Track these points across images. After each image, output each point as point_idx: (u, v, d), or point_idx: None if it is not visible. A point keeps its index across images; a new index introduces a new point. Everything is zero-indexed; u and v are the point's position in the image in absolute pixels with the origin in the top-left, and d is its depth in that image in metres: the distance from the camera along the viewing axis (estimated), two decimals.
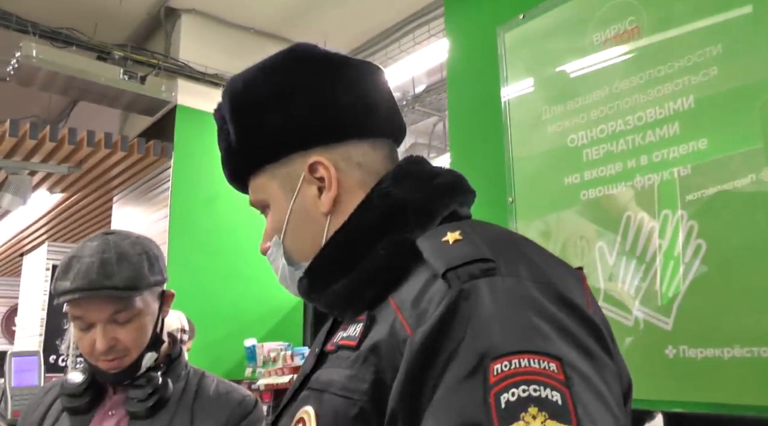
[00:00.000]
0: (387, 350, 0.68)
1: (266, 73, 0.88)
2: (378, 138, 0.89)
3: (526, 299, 0.64)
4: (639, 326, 1.54)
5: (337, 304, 0.81)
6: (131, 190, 5.08)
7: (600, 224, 1.66)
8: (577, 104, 1.75)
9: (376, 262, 0.77)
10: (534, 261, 0.70)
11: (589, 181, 1.69)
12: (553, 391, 0.57)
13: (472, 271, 0.66)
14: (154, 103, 4.32)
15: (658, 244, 1.53)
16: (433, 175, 0.85)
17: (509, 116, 1.94)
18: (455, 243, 0.71)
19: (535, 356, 0.59)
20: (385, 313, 0.73)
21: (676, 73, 1.55)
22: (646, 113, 1.59)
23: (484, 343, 0.61)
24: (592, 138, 1.70)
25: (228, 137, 0.90)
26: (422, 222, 0.78)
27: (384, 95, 0.91)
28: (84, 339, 1.31)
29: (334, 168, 0.84)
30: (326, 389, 0.74)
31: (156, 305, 1.38)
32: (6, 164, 4.37)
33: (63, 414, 1.37)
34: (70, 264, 1.31)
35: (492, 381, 0.58)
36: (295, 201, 0.86)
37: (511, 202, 1.88)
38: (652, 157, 1.57)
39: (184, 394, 1.38)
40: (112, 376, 1.33)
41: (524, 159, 1.88)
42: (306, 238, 0.86)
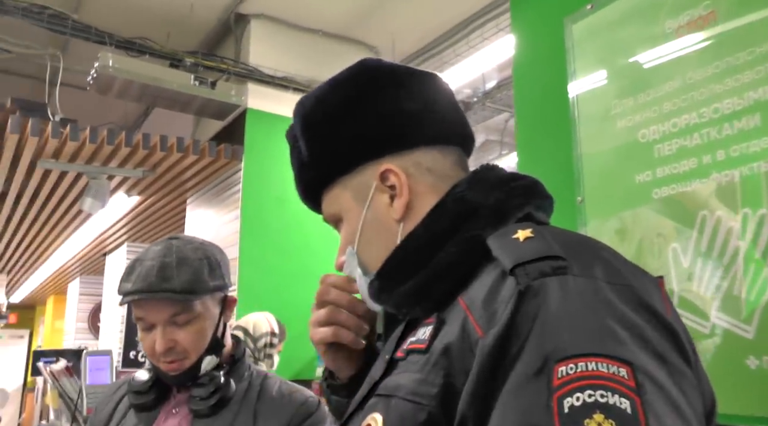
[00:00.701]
0: (458, 352, 0.67)
1: (335, 87, 0.91)
2: (446, 144, 0.90)
3: (600, 300, 0.62)
4: (717, 334, 1.43)
5: (405, 302, 0.80)
6: (204, 192, 5.20)
7: (674, 224, 1.56)
8: (648, 97, 1.65)
9: (445, 259, 0.76)
10: (611, 263, 0.68)
11: (661, 178, 1.60)
12: (622, 398, 0.54)
13: (542, 268, 0.64)
14: (225, 108, 4.40)
15: (738, 244, 1.43)
16: (509, 179, 0.84)
17: (577, 111, 1.85)
18: (526, 240, 0.69)
19: (603, 360, 0.56)
20: (454, 314, 0.71)
21: (756, 60, 1.44)
22: (723, 104, 1.48)
23: (550, 344, 0.59)
24: (664, 132, 1.60)
25: (300, 154, 0.92)
26: (495, 221, 0.77)
27: (449, 103, 0.93)
28: (146, 339, 1.35)
29: (404, 174, 0.85)
30: (394, 394, 0.72)
31: (217, 310, 1.40)
32: (86, 169, 4.54)
33: (130, 411, 1.41)
34: (134, 266, 1.36)
35: (556, 384, 0.56)
36: (367, 210, 0.87)
37: (581, 201, 1.80)
38: (729, 151, 1.46)
39: (247, 394, 1.40)
40: (172, 378, 1.37)
41: (593, 156, 1.79)
42: (380, 245, 0.86)
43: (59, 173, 4.83)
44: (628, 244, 1.66)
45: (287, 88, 4.58)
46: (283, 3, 4.59)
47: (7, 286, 10.52)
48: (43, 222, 6.60)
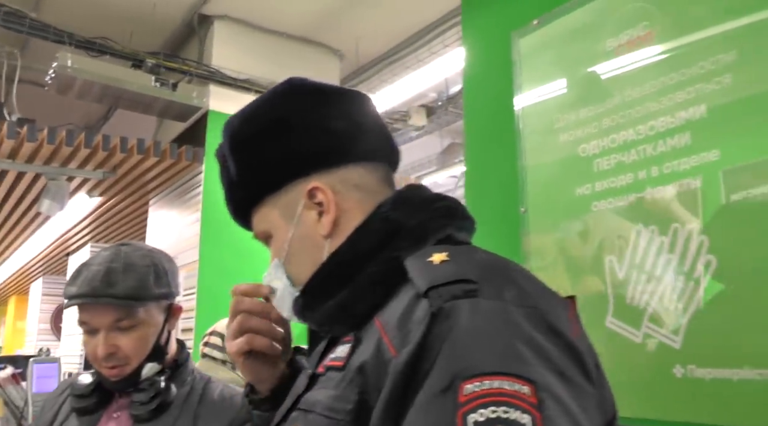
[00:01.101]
0: (372, 370, 0.69)
1: (262, 107, 0.93)
2: (372, 161, 0.92)
3: (508, 322, 0.65)
4: (647, 344, 1.49)
5: (326, 320, 0.83)
6: (166, 194, 5.17)
7: (610, 237, 1.61)
8: (589, 113, 1.70)
9: (366, 280, 0.79)
10: (521, 286, 0.70)
11: (600, 192, 1.65)
12: (524, 414, 0.57)
13: (454, 291, 0.67)
14: (186, 109, 4.38)
15: (668, 258, 1.48)
16: (432, 200, 0.87)
17: (523, 124, 1.90)
18: (441, 263, 0.72)
19: (507, 378, 0.59)
20: (370, 333, 0.74)
21: (688, 81, 1.49)
22: (658, 122, 1.54)
23: (458, 363, 0.61)
24: (603, 148, 1.65)
25: (229, 173, 0.93)
26: (415, 242, 0.80)
27: (374, 121, 0.95)
28: (89, 344, 1.36)
29: (331, 191, 0.87)
30: (312, 409, 0.75)
31: (161, 318, 1.41)
32: (45, 170, 4.49)
33: (72, 414, 1.42)
34: (80, 271, 1.37)
35: (461, 400, 0.59)
36: (296, 226, 0.89)
37: (524, 212, 1.85)
38: (663, 168, 1.52)
39: (188, 399, 1.42)
40: (113, 383, 1.38)
41: (537, 168, 1.84)
42: (307, 260, 0.88)
43: (16, 174, 4.76)
44: (569, 251, 1.70)
45: (250, 90, 4.56)
46: (247, 4, 4.58)
47: None
48: (0, 222, 6.49)
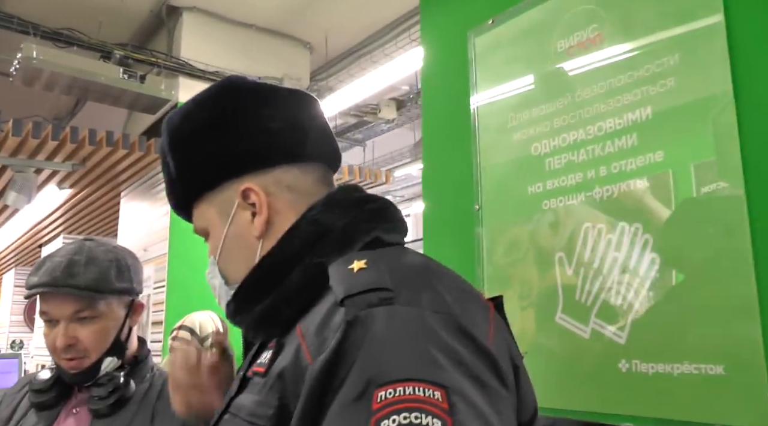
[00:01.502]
0: (290, 378, 0.71)
1: (199, 105, 0.94)
2: (309, 162, 0.92)
3: (422, 328, 0.66)
4: (594, 339, 1.53)
5: (254, 327, 0.85)
6: (137, 186, 5.14)
7: (559, 235, 1.65)
8: (541, 112, 1.73)
9: (289, 289, 0.80)
10: (438, 291, 0.73)
11: (551, 190, 1.68)
12: (435, 419, 0.59)
13: (369, 300, 0.68)
14: (155, 102, 4.36)
15: (615, 256, 1.52)
16: (362, 202, 0.88)
17: (478, 123, 1.93)
18: (359, 271, 0.73)
19: (420, 384, 0.61)
20: (291, 340, 0.75)
21: (634, 83, 1.53)
22: (606, 123, 1.57)
23: (372, 370, 0.63)
24: (554, 147, 1.69)
25: (169, 170, 0.95)
26: (341, 246, 0.81)
27: (315, 121, 0.96)
28: (49, 335, 1.38)
29: (264, 193, 0.88)
30: (238, 413, 0.78)
31: (122, 312, 1.43)
32: (10, 162, 4.44)
33: (31, 409, 1.43)
34: (44, 262, 1.39)
35: (374, 407, 0.60)
36: (230, 225, 0.90)
37: (478, 209, 1.88)
38: (611, 168, 1.55)
39: (147, 394, 1.44)
40: (72, 376, 1.40)
41: (491, 167, 1.87)
42: (240, 260, 0.89)
43: None
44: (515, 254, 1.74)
45: None
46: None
47: None
48: None
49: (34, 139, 4.20)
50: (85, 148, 4.36)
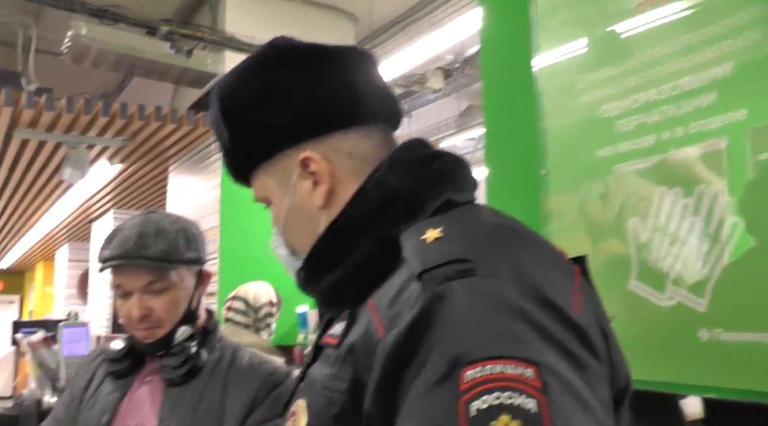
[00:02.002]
0: (361, 352, 0.68)
1: (248, 73, 0.89)
2: (368, 125, 0.88)
3: (504, 301, 0.62)
4: (671, 307, 1.47)
5: (325, 300, 0.82)
6: (185, 160, 5.18)
7: (633, 200, 1.59)
8: (609, 73, 1.66)
9: (359, 260, 0.77)
10: (518, 259, 0.68)
11: (621, 154, 1.62)
12: (528, 399, 0.55)
13: (447, 273, 0.64)
14: (202, 76, 4.37)
15: (693, 220, 1.46)
16: (430, 160, 0.83)
17: (541, 86, 1.86)
18: (434, 241, 0.69)
19: (510, 361, 0.57)
20: (363, 313, 0.73)
21: (714, 39, 1.45)
22: (682, 82, 1.50)
23: (456, 349, 0.59)
24: (624, 109, 1.62)
25: (223, 140, 0.91)
26: (411, 213, 0.77)
27: (372, 81, 0.90)
28: (123, 307, 1.41)
29: (324, 161, 0.84)
30: (313, 385, 0.76)
31: (192, 282, 1.45)
32: (65, 139, 4.51)
33: (106, 378, 1.46)
34: (113, 235, 1.42)
35: (462, 388, 0.57)
36: (291, 197, 0.87)
37: (545, 174, 1.82)
38: (687, 128, 1.48)
39: (218, 365, 1.45)
40: (146, 346, 1.42)
41: (556, 130, 1.81)
42: (304, 231, 0.86)
43: (38, 143, 4.79)
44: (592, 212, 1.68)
45: None
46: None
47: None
48: (24, 190, 6.57)
49: (86, 116, 4.25)
50: (135, 123, 4.40)
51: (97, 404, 1.43)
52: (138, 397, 1.42)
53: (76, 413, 1.45)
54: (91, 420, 1.41)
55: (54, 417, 1.52)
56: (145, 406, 1.40)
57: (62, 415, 1.49)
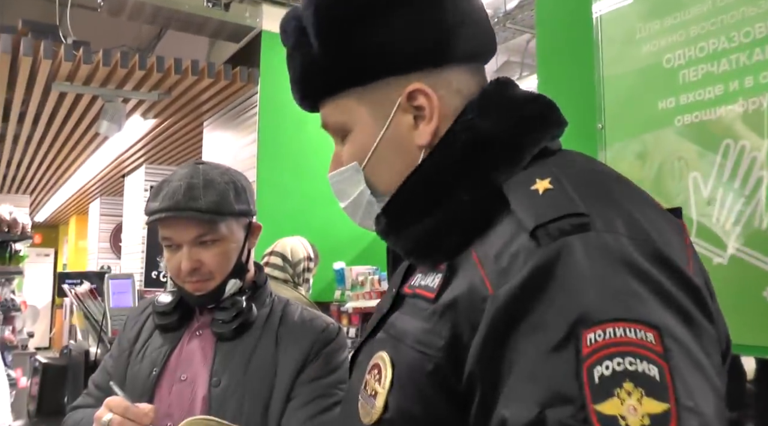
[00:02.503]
0: (465, 307, 0.64)
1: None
2: (477, 61, 0.81)
3: (624, 259, 0.59)
4: (734, 265, 1.43)
5: (415, 250, 0.75)
6: (220, 115, 5.17)
7: (698, 152, 1.53)
8: (675, 20, 1.59)
9: (458, 208, 0.71)
10: (632, 212, 0.64)
11: (685, 105, 1.55)
12: (651, 365, 0.54)
13: (563, 227, 0.61)
14: (239, 30, 4.32)
15: (761, 174, 1.40)
16: (522, 103, 0.77)
17: (601, 33, 1.79)
18: (545, 192, 0.65)
19: (631, 325, 0.55)
20: (466, 265, 0.68)
21: None
22: (755, 28, 1.42)
23: (577, 310, 0.56)
24: (690, 58, 1.55)
25: (310, 51, 0.79)
26: (510, 162, 0.72)
27: (483, 15, 0.82)
28: (172, 260, 1.37)
29: (436, 96, 0.76)
30: (402, 339, 0.71)
31: (242, 235, 1.42)
32: (101, 92, 4.52)
33: (155, 331, 1.44)
34: (161, 187, 1.38)
35: (585, 352, 0.55)
36: (387, 129, 0.78)
37: (601, 128, 1.77)
38: (759, 78, 1.41)
39: (269, 320, 1.42)
40: (197, 299, 1.39)
41: (616, 81, 1.74)
42: (395, 170, 0.78)
43: (75, 96, 4.81)
44: (648, 168, 1.63)
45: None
46: None
47: (30, 206, 10.69)
48: (61, 144, 6.63)
49: (123, 69, 4.24)
50: (171, 77, 4.38)
51: (147, 357, 1.41)
52: (188, 350, 1.40)
53: (125, 366, 1.44)
54: (142, 373, 1.39)
55: (103, 369, 1.52)
56: (196, 359, 1.38)
57: (112, 367, 1.48)
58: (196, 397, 1.34)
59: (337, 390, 1.36)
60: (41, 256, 13.70)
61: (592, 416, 0.53)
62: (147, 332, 1.47)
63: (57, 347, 11.18)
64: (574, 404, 0.54)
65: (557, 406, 0.54)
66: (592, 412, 0.53)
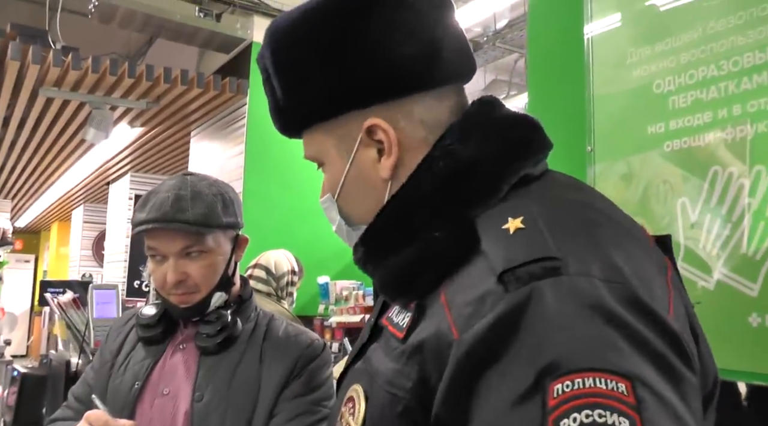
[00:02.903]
0: (432, 351, 0.63)
1: (312, 20, 0.77)
2: (444, 85, 0.78)
3: (597, 304, 0.56)
4: (720, 290, 1.43)
5: (390, 287, 0.73)
6: (208, 126, 5.16)
7: (684, 177, 1.54)
8: (666, 46, 1.61)
9: (431, 245, 0.69)
10: (610, 255, 0.61)
11: (674, 130, 1.57)
12: (621, 417, 0.51)
13: (533, 271, 0.58)
14: (230, 41, 4.32)
15: (747, 202, 1.41)
16: (506, 126, 0.75)
17: (592, 56, 1.80)
18: (516, 232, 0.63)
19: (602, 375, 0.52)
20: (434, 307, 0.66)
21: None
22: (744, 58, 1.44)
23: (544, 359, 0.54)
24: (680, 84, 1.56)
25: (274, 92, 0.81)
26: (486, 194, 0.69)
27: (451, 35, 0.79)
28: (157, 271, 1.36)
29: (393, 130, 0.75)
30: (375, 377, 0.70)
31: (229, 247, 1.41)
32: (89, 99, 4.49)
33: (138, 344, 1.42)
34: (149, 197, 1.37)
35: (551, 404, 0.52)
36: (351, 164, 0.78)
37: (590, 150, 1.78)
38: (746, 106, 1.43)
39: (253, 334, 1.41)
40: (182, 311, 1.38)
41: (606, 103, 1.75)
42: (364, 203, 0.79)
43: (62, 102, 4.78)
44: (633, 190, 1.64)
45: None
46: None
47: (11, 211, 10.57)
48: (46, 149, 6.58)
49: (112, 76, 4.22)
50: (160, 86, 4.37)
51: (129, 370, 1.39)
52: (172, 364, 1.39)
53: (107, 378, 1.42)
54: (123, 386, 1.37)
55: (84, 381, 1.49)
56: (179, 373, 1.37)
57: (93, 379, 1.46)
58: (178, 411, 1.32)
59: (320, 407, 1.35)
60: (21, 262, 13.53)
61: None
62: (130, 345, 1.45)
63: (35, 355, 11.02)
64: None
65: None
66: None
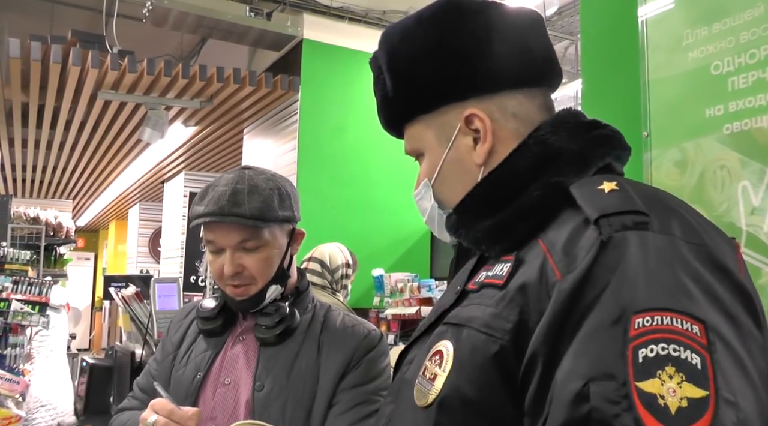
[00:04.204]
0: (534, 292, 0.69)
1: (422, 24, 0.89)
2: (533, 87, 0.88)
3: (676, 257, 0.63)
4: None
5: (485, 239, 0.81)
6: (261, 123, 5.23)
7: (743, 161, 1.50)
8: (724, 26, 1.57)
9: (529, 202, 0.77)
10: (688, 221, 0.69)
11: (734, 112, 1.53)
12: (693, 354, 0.57)
13: (624, 222, 0.66)
14: (281, 38, 4.37)
15: None
16: (591, 127, 0.84)
17: (647, 39, 1.77)
18: (611, 192, 0.71)
19: (678, 316, 0.59)
20: (533, 254, 0.73)
21: None
22: None
23: (629, 296, 0.61)
24: (739, 64, 1.53)
25: (384, 87, 0.92)
26: (577, 169, 0.78)
27: (541, 43, 0.90)
28: (215, 263, 1.39)
29: (489, 119, 0.85)
30: (466, 324, 0.75)
31: (284, 241, 1.42)
32: (145, 100, 4.61)
33: (199, 336, 1.46)
34: (206, 191, 1.40)
35: (632, 334, 0.59)
36: (449, 151, 0.88)
37: (646, 136, 1.75)
38: None
39: (311, 325, 1.43)
40: (238, 303, 1.40)
41: (661, 87, 1.72)
42: (458, 185, 0.87)
43: (119, 104, 4.92)
44: (689, 176, 1.61)
45: (343, 18, 4.51)
46: None
47: (72, 210, 10.93)
48: (104, 150, 6.78)
49: (166, 78, 4.32)
50: (213, 85, 4.46)
51: (191, 361, 1.42)
52: (232, 355, 1.41)
53: (170, 369, 1.45)
54: (186, 377, 1.40)
55: (148, 372, 1.53)
56: (240, 364, 1.39)
57: (156, 371, 1.49)
58: (240, 401, 1.35)
59: (378, 397, 1.36)
60: (82, 259, 13.98)
61: (633, 392, 0.56)
62: (191, 337, 1.48)
63: (96, 349, 11.38)
64: (616, 380, 0.57)
65: (601, 381, 0.58)
66: (634, 389, 0.56)
